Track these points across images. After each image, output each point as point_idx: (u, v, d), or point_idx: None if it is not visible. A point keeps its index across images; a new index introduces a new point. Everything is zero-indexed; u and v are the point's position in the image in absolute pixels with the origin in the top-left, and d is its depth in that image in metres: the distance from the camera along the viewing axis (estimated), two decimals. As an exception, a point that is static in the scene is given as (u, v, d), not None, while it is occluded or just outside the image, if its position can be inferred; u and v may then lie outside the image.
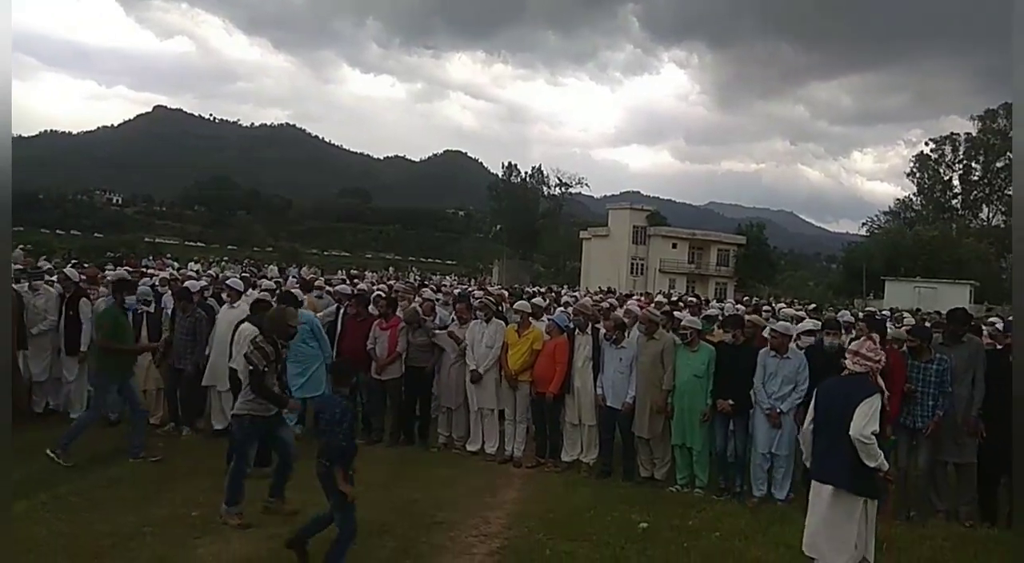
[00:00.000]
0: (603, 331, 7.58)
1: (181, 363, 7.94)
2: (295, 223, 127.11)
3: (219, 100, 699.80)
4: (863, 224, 75.63)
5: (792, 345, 6.88)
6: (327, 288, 11.13)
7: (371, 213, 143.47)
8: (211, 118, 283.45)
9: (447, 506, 6.12)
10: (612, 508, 6.23)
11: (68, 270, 9.28)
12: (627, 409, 7.16)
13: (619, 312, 8.22)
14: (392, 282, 17.43)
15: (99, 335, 7.21)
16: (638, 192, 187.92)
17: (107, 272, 12.82)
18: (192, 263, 29.61)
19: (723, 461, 6.97)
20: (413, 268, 60.04)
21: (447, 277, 40.81)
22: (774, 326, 7.09)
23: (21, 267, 12.30)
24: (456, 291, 13.59)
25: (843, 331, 7.45)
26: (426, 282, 24.76)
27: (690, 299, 14.77)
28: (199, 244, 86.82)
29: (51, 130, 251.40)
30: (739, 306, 12.23)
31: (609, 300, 12.76)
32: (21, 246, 25.78)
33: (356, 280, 20.11)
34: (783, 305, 14.09)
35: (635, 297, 17.85)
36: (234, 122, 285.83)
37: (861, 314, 15.62)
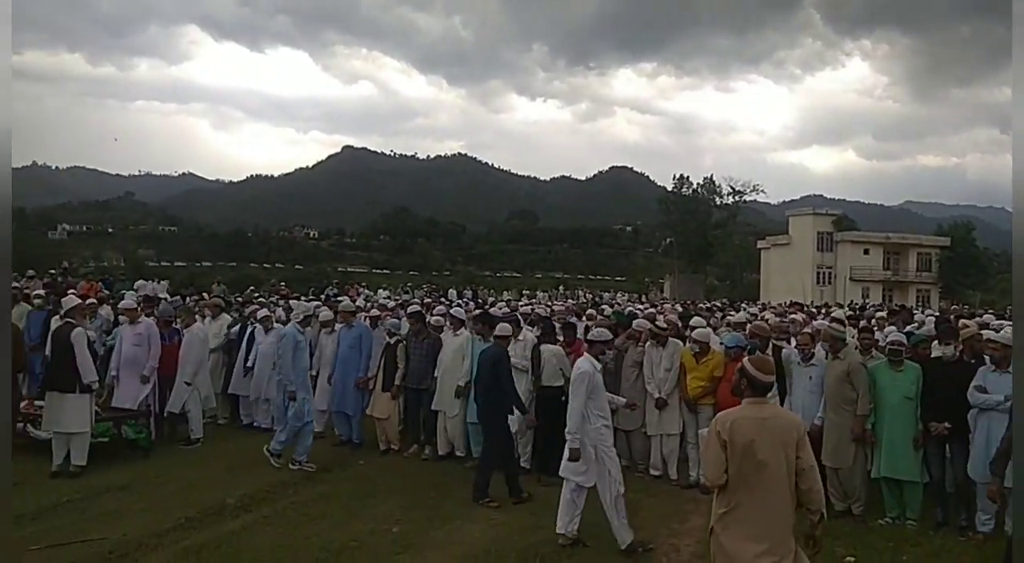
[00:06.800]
0: (784, 349, 7.20)
1: (423, 384, 8.39)
2: (469, 247, 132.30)
3: (400, 137, 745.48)
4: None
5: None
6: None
7: (539, 234, 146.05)
8: (392, 154, 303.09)
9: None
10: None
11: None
12: (815, 431, 6.64)
13: (808, 328, 7.75)
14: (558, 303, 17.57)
15: None
16: (821, 195, 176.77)
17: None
18: (381, 290, 31.76)
19: (940, 492, 6.30)
20: (583, 286, 60.13)
21: (617, 294, 40.45)
22: (995, 336, 6.12)
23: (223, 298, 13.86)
24: (626, 309, 13.33)
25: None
26: (598, 300, 24.71)
27: (877, 308, 13.40)
28: (385, 271, 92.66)
29: (256, 175, 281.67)
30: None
31: (799, 315, 12.01)
32: (219, 281, 29.40)
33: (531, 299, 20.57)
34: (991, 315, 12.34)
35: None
36: (412, 156, 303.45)
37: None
